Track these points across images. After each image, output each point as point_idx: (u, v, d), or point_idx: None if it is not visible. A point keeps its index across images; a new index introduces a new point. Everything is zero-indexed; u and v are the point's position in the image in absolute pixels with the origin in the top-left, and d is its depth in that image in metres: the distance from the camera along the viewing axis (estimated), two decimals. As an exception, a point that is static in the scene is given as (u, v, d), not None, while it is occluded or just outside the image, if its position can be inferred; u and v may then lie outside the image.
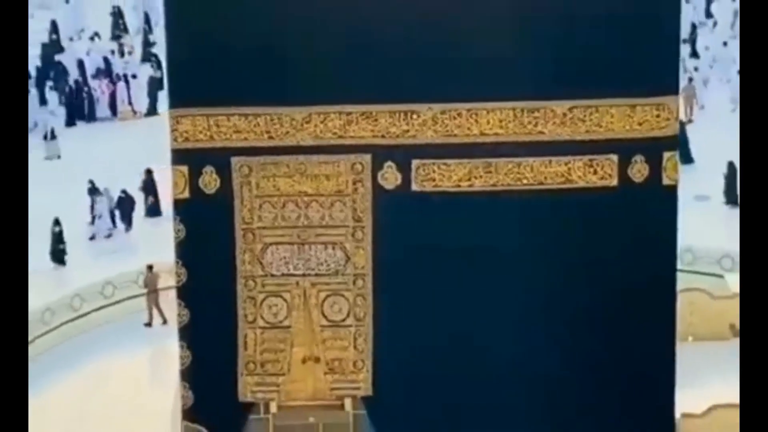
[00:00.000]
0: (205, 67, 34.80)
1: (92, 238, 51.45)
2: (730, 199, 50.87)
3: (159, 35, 65.68)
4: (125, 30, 66.58)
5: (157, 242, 46.71)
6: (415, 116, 34.79)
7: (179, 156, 35.17)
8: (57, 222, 49.42)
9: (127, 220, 52.40)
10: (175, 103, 35.32)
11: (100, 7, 68.21)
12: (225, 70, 34.75)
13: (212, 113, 34.80)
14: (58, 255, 49.12)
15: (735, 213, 44.49)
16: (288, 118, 34.78)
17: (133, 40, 65.54)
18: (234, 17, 34.66)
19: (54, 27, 65.11)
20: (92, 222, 52.25)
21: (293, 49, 34.63)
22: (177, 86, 35.47)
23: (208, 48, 34.78)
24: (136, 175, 53.55)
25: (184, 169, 35.11)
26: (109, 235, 51.53)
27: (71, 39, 64.96)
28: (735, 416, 36.10)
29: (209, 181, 35.10)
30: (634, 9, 34.67)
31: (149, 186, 53.06)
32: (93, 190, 52.10)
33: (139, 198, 52.99)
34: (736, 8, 65.73)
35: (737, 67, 60.91)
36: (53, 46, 63.97)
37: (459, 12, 34.62)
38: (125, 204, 52.24)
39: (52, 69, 62.47)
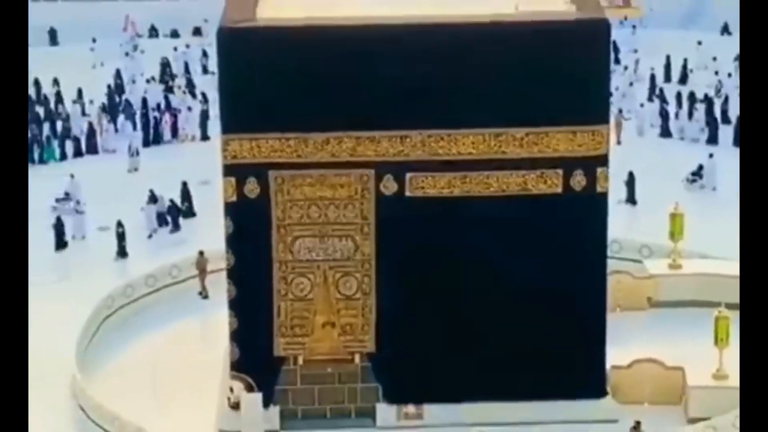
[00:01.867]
0: (248, 102, 35.83)
1: (150, 236, 50.39)
2: (629, 200, 51.12)
3: (197, 79, 66.30)
4: (171, 76, 65.95)
5: (199, 236, 48.43)
6: (408, 140, 36.05)
7: (228, 170, 36.34)
8: (120, 224, 48.65)
9: (175, 223, 51.17)
10: (225, 129, 36.51)
11: (152, 59, 67.45)
12: (264, 106, 35.72)
13: (254, 137, 35.96)
14: (122, 250, 48.50)
15: (635, 210, 45.00)
16: (312, 141, 35.95)
17: (178, 82, 65.00)
18: (269, 70, 35.51)
19: (118, 73, 65.04)
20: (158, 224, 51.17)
21: (315, 90, 35.59)
22: (227, 117, 36.58)
23: (251, 90, 35.74)
24: (191, 185, 52.75)
25: (232, 179, 36.26)
26: (151, 234, 50.40)
27: (133, 81, 64.71)
28: (652, 368, 38.06)
29: (251, 189, 36.19)
30: (577, 61, 35.65)
31: (185, 194, 52.27)
32: (152, 198, 51.27)
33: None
34: (638, 57, 66.70)
35: (640, 101, 62.18)
36: (117, 88, 63.98)
37: (441, 64, 35.44)
38: (173, 210, 51.35)
39: (119, 105, 62.57)
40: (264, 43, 35.80)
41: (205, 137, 59.37)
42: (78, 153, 58.85)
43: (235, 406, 37.27)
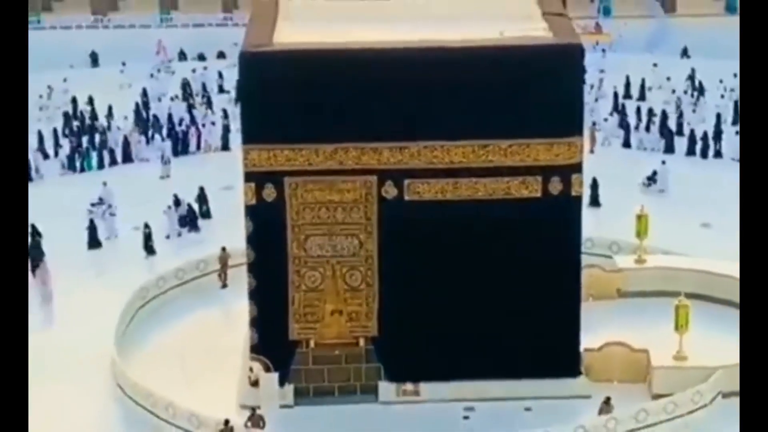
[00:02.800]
0: (266, 117, 36.22)
1: (167, 237, 50.04)
2: (593, 203, 50.83)
3: (214, 97, 66.28)
4: (192, 95, 66.04)
5: (216, 235, 48.62)
6: (406, 150, 36.39)
7: (249, 176, 36.71)
8: (146, 225, 48.75)
9: (193, 224, 51.04)
10: (246, 141, 36.88)
11: (173, 80, 67.80)
12: (279, 120, 36.06)
13: (271, 148, 36.32)
14: (150, 249, 48.55)
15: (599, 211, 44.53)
16: (322, 151, 36.34)
17: (196, 100, 65.50)
18: (284, 88, 35.74)
19: (144, 92, 65.36)
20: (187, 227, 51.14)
21: (324, 106, 35.92)
22: (247, 130, 36.98)
23: (268, 106, 36.06)
24: (215, 190, 52.72)
25: (252, 185, 36.65)
26: (179, 234, 50.19)
27: (159, 100, 65.21)
28: (620, 350, 38.31)
29: (269, 193, 36.59)
30: (554, 80, 35.91)
31: (203, 198, 52.33)
32: (177, 202, 51.22)
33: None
34: (602, 77, 66.60)
35: (604, 116, 62.34)
36: (145, 105, 64.36)
37: (436, 83, 35.74)
38: (191, 212, 51.40)
39: (148, 120, 62.75)
40: (279, 65, 35.98)
41: (226, 148, 59.41)
42: (113, 162, 58.97)
43: (255, 384, 37.62)
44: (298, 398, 37.52)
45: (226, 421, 35.13)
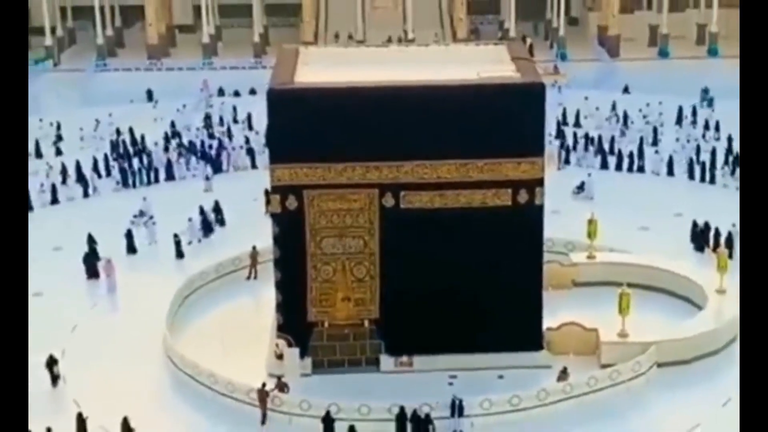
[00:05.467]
0: (289, 141, 36.08)
1: (189, 243, 48.30)
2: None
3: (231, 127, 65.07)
4: (210, 125, 65.43)
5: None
6: (402, 168, 36.28)
7: (275, 189, 36.72)
8: (175, 235, 47.56)
9: (207, 230, 49.63)
10: (272, 161, 36.87)
11: (196, 114, 66.61)
12: (300, 144, 35.98)
13: (293, 167, 36.24)
14: (180, 253, 47.34)
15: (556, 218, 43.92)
16: (334, 168, 36.24)
17: (217, 130, 64.56)
18: (303, 118, 35.74)
19: (173, 124, 64.15)
20: (204, 233, 49.59)
21: (336, 132, 35.84)
22: (274, 152, 36.99)
23: (291, 132, 35.96)
24: (246, 202, 51.35)
25: (278, 196, 36.64)
26: (199, 240, 48.64)
27: (188, 129, 64.25)
28: (575, 329, 38.30)
29: (291, 203, 36.48)
30: (521, 111, 35.93)
31: (217, 208, 50.90)
32: (201, 212, 50.12)
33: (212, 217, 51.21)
34: (561, 100, 65.77)
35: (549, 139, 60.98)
36: (173, 134, 63.32)
37: (426, 114, 35.80)
38: (206, 221, 49.89)
39: (180, 146, 61.40)
40: (300, 100, 36.02)
41: (254, 167, 58.70)
42: (157, 180, 57.96)
43: (280, 357, 37.63)
44: (315, 368, 37.46)
45: (263, 384, 35.32)
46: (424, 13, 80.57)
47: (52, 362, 37.14)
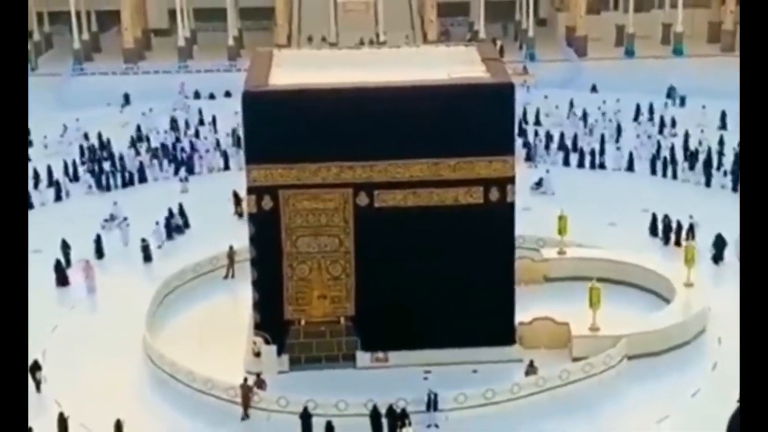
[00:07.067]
0: (264, 143, 35.99)
1: (159, 246, 47.71)
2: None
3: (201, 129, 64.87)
4: (176, 128, 63.65)
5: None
6: (375, 167, 36.21)
7: (251, 190, 36.49)
8: (143, 240, 46.87)
9: (170, 233, 49.00)
10: (248, 162, 36.63)
11: (161, 118, 65.64)
12: (275, 145, 35.87)
13: (268, 168, 36.08)
14: (147, 256, 46.63)
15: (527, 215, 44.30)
16: (308, 169, 36.11)
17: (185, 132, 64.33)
18: (278, 120, 35.60)
19: (138, 127, 63.21)
20: (169, 236, 48.97)
21: (310, 133, 35.71)
22: (249, 153, 36.74)
23: (266, 134, 35.91)
24: (223, 202, 51.03)
25: (254, 197, 36.46)
26: (159, 246, 47.68)
27: (157, 132, 63.29)
28: (547, 324, 38.39)
29: (267, 203, 36.33)
30: (491, 111, 35.94)
31: (181, 211, 50.28)
32: (171, 215, 49.68)
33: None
34: (530, 100, 65.46)
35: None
36: (139, 138, 62.40)
37: (398, 114, 35.75)
38: (169, 224, 49.32)
39: (149, 150, 61.08)
40: (274, 101, 35.93)
41: (227, 168, 58.45)
42: (131, 183, 57.53)
43: (258, 354, 37.52)
44: (292, 365, 37.40)
45: (245, 379, 35.39)
46: (395, 15, 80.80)
47: (35, 368, 36.90)
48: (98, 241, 47.71)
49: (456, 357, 36.91)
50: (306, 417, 33.86)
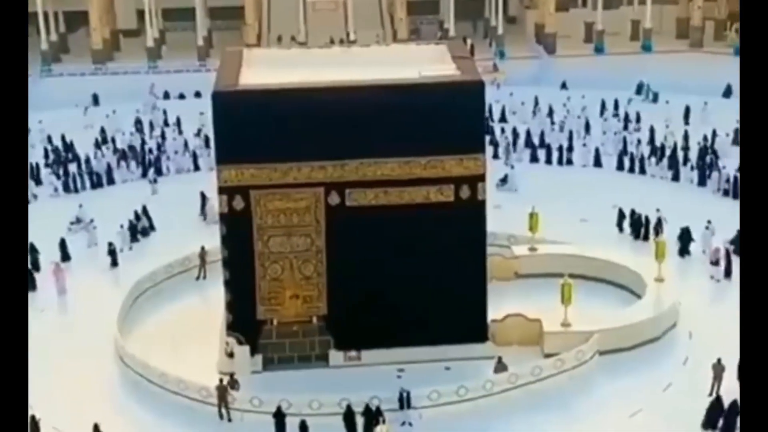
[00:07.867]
0: (235, 143, 35.82)
1: (121, 250, 47.04)
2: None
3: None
4: (141, 130, 63.08)
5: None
6: (347, 167, 36.19)
7: (222, 190, 36.32)
8: (110, 244, 46.52)
9: (135, 236, 48.63)
10: (218, 162, 36.49)
11: (126, 119, 64.49)
12: (245, 145, 35.75)
13: (239, 168, 35.97)
14: (114, 260, 46.29)
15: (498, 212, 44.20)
16: (279, 169, 36.03)
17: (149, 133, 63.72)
18: (248, 120, 35.55)
19: (102, 129, 62.66)
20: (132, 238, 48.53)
21: (281, 133, 35.63)
22: (220, 153, 36.58)
23: (236, 134, 35.76)
24: (194, 203, 50.75)
25: (225, 197, 36.31)
26: (121, 249, 47.01)
27: (123, 134, 62.76)
28: (518, 320, 38.36)
29: (238, 203, 36.23)
30: (461, 109, 36.01)
31: (146, 213, 49.74)
32: (137, 217, 49.51)
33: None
34: (499, 98, 65.40)
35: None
36: (104, 139, 61.91)
37: (369, 113, 35.75)
38: (135, 227, 48.96)
39: (123, 151, 60.15)
40: (244, 101, 35.77)
41: (197, 169, 58.22)
42: (100, 185, 57.19)
43: (231, 355, 37.45)
44: (265, 365, 37.37)
45: (221, 380, 35.36)
46: (364, 14, 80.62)
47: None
48: (63, 244, 47.40)
49: (429, 355, 36.93)
50: (280, 416, 33.76)
